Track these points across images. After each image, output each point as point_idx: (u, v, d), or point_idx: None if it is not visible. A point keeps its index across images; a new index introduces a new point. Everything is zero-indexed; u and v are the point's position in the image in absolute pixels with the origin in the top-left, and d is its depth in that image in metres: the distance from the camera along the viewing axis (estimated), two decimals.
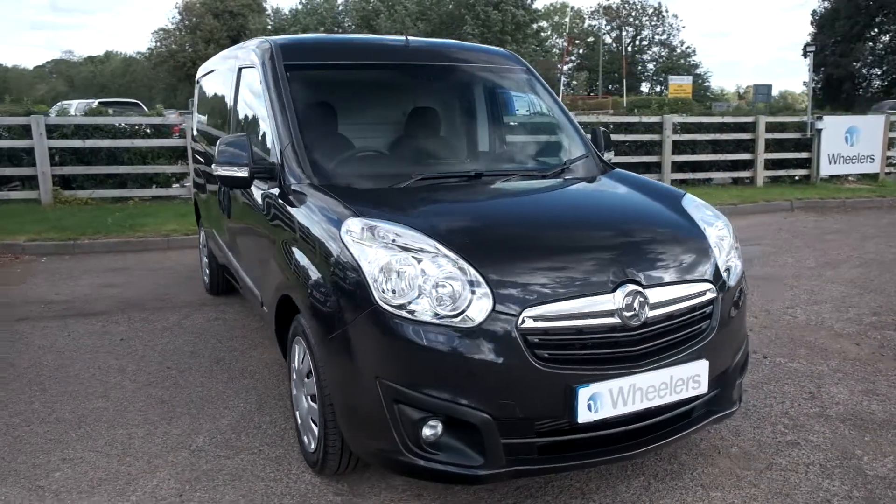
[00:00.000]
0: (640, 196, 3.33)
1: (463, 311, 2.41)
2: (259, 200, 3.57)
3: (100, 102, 17.44)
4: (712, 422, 2.91)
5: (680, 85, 30.58)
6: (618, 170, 3.75)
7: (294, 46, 3.80)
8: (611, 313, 2.51)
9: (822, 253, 7.72)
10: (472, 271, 2.47)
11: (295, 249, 3.00)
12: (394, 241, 2.55)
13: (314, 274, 2.78)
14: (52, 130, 9.75)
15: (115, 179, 10.25)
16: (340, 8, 61.64)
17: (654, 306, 2.59)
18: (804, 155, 13.23)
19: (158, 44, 59.25)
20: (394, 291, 2.45)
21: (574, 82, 58.01)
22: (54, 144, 9.69)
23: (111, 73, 75.98)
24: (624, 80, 36.66)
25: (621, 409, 2.51)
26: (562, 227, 2.94)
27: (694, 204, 3.23)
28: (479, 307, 2.41)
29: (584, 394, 2.44)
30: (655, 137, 12.30)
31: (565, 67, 61.87)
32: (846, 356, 4.47)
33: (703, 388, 2.69)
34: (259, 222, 3.63)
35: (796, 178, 13.44)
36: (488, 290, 2.43)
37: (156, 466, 3.13)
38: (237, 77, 4.25)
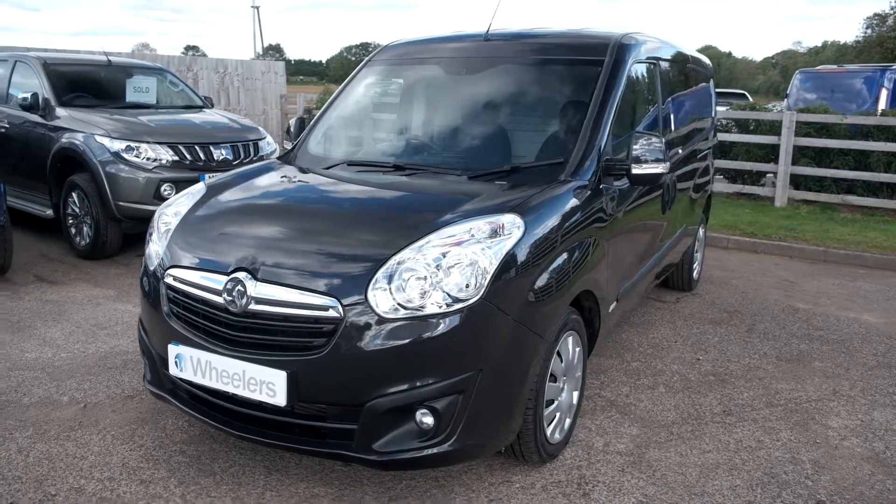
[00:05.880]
0: (431, 205, 3.08)
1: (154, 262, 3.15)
2: None
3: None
4: (335, 457, 2.67)
5: None
6: (559, 184, 3.24)
7: (392, 45, 4.43)
8: (218, 292, 2.76)
9: None
10: (173, 232, 3.14)
11: None
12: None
13: None
14: None
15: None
16: None
17: (259, 301, 2.67)
18: None
19: (870, 30, 54.71)
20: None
21: None
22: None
23: (823, 61, 74.34)
24: None
25: (201, 380, 2.79)
26: (277, 213, 3.19)
27: (461, 227, 2.75)
28: (156, 260, 3.13)
29: (172, 350, 2.88)
30: None
31: None
32: None
33: (280, 399, 2.63)
34: None
35: None
36: (166, 248, 3.09)
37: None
38: None
